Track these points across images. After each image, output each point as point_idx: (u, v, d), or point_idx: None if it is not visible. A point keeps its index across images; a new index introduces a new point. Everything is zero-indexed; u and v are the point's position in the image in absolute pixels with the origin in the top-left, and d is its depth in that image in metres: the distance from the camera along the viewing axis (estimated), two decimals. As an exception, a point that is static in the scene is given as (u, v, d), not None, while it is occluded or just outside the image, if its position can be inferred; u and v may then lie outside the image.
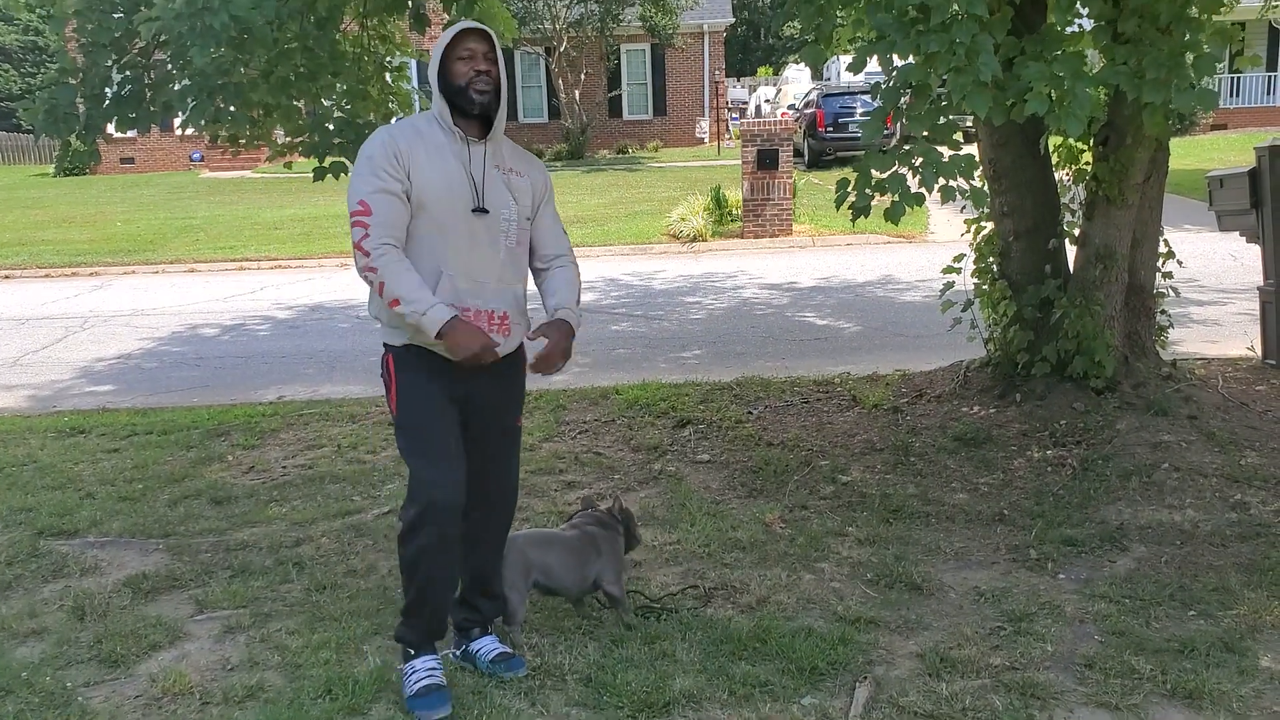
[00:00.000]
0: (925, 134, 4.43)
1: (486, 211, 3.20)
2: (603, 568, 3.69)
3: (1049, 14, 5.34)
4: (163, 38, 5.00)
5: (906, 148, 4.48)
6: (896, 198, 4.46)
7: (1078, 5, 4.68)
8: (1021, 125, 5.65)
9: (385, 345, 3.29)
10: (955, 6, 4.10)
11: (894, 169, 4.51)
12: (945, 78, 4.19)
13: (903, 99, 4.49)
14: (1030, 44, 4.39)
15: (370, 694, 3.32)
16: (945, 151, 4.49)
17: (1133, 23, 4.47)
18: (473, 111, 3.19)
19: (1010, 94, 4.22)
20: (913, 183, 4.46)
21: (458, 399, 3.27)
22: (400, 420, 3.26)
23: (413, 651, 3.31)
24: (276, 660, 3.60)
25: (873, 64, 4.58)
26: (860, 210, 4.58)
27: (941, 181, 4.40)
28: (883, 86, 4.49)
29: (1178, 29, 4.47)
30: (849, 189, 4.60)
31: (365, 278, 3.12)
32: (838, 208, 4.70)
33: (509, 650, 3.47)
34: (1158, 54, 4.29)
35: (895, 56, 4.32)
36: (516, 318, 3.33)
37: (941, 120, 4.42)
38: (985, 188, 5.99)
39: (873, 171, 4.57)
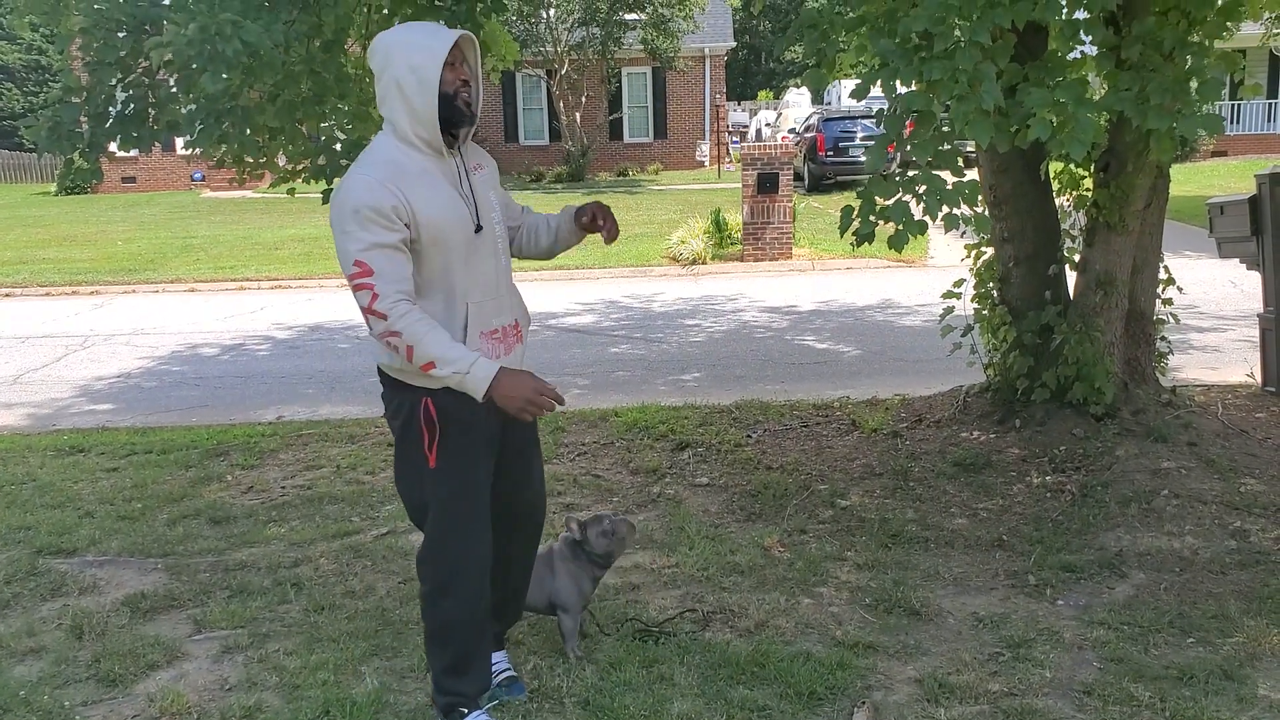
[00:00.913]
0: (929, 161, 4.45)
1: (482, 228, 3.03)
2: (556, 589, 3.64)
3: (1051, 41, 5.37)
4: (168, 58, 5.02)
5: (911, 174, 4.49)
6: (900, 226, 4.47)
7: (1080, 33, 4.70)
8: (1022, 151, 5.67)
9: (412, 386, 3.00)
10: (958, 34, 4.12)
11: (898, 196, 4.52)
12: (948, 105, 4.20)
13: (906, 126, 4.51)
14: (1033, 70, 4.41)
15: (368, 715, 3.31)
16: (949, 178, 4.50)
17: (1136, 49, 4.50)
18: (460, 123, 2.96)
19: (1013, 120, 4.24)
20: (916, 210, 4.47)
21: (496, 431, 3.11)
22: (440, 474, 3.02)
23: (464, 711, 3.16)
24: (274, 681, 3.59)
25: (875, 89, 4.61)
26: (864, 237, 4.59)
27: (945, 209, 4.41)
28: (885, 114, 4.51)
29: (1180, 54, 4.49)
30: (854, 216, 4.61)
31: (388, 343, 2.86)
32: (841, 235, 4.71)
33: (514, 674, 3.46)
34: (1162, 79, 4.31)
35: (898, 83, 4.33)
36: (523, 320, 3.24)
37: (944, 147, 4.43)
38: (986, 213, 6.03)
39: (876, 199, 4.59)
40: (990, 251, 6.16)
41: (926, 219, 4.43)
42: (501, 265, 3.13)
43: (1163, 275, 5.95)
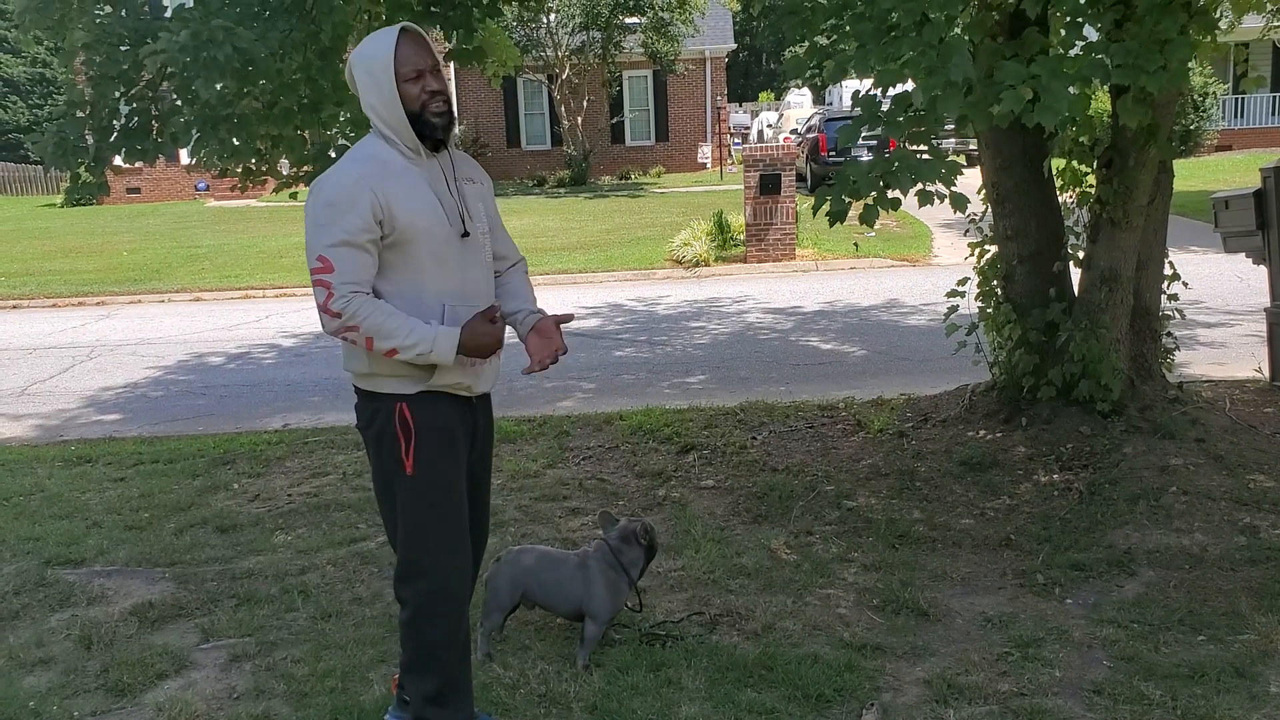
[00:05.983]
0: (904, 140, 4.42)
1: (467, 235, 2.97)
2: (591, 596, 3.62)
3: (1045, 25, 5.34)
4: (169, 69, 5.03)
5: (886, 154, 4.46)
6: (870, 200, 4.45)
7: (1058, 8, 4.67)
8: (1024, 149, 5.67)
9: (382, 394, 2.92)
10: (929, 11, 4.10)
11: (871, 173, 4.47)
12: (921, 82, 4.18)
13: (883, 106, 4.48)
14: (1010, 48, 4.40)
15: (376, 723, 3.31)
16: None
17: (1110, 16, 4.47)
18: (436, 136, 2.93)
19: (989, 99, 4.20)
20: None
21: (468, 443, 3.04)
22: (419, 483, 2.92)
23: None
24: (282, 689, 3.59)
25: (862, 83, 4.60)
26: (837, 215, 4.56)
27: (919, 186, 4.37)
28: (861, 95, 4.50)
29: (1150, 17, 4.43)
30: (826, 195, 4.59)
31: (345, 339, 2.84)
32: (814, 214, 4.70)
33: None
34: (1132, 44, 4.28)
35: (873, 64, 4.31)
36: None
37: (917, 129, 4.40)
38: (989, 211, 6.02)
39: (850, 178, 4.56)
40: (994, 250, 6.14)
41: (899, 195, 4.40)
42: (487, 274, 3.07)
43: (1168, 271, 5.93)
